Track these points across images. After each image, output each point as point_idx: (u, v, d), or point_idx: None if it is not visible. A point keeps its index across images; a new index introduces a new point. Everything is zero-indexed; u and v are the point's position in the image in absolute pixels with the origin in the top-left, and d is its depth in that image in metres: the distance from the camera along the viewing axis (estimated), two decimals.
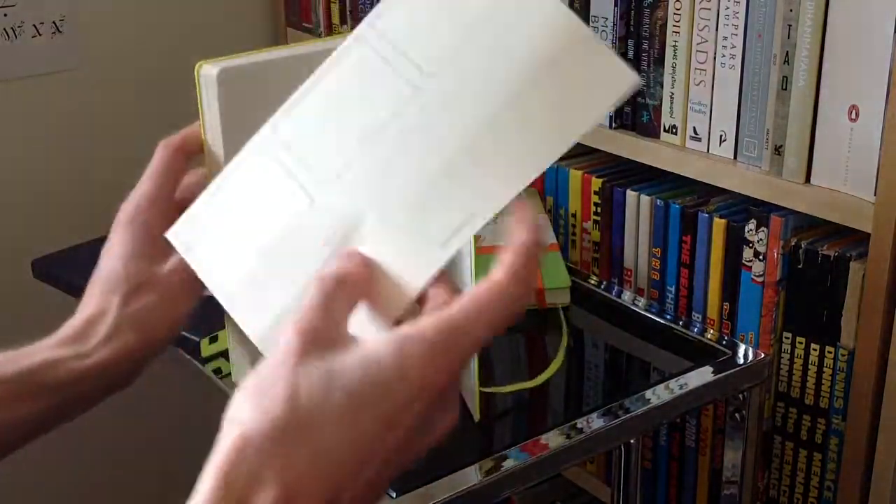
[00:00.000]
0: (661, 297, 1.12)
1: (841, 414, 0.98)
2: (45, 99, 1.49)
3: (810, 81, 0.92)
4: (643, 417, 0.91)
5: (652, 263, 1.12)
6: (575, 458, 1.02)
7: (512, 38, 0.51)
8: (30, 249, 1.24)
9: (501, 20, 0.51)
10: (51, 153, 1.51)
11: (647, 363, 1.07)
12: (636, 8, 1.07)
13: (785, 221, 0.98)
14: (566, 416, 0.93)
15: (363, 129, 0.53)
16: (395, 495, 0.80)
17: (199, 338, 0.98)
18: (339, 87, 0.56)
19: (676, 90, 1.05)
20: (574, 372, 1.02)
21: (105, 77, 1.53)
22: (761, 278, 1.00)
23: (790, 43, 0.93)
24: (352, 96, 0.55)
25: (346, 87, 0.56)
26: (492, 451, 0.85)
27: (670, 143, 1.08)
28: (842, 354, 0.97)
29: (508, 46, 0.51)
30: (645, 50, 1.08)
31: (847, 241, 0.96)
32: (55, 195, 1.52)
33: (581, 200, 1.19)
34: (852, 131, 0.91)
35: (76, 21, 1.46)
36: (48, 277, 1.20)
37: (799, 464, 1.04)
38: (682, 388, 0.94)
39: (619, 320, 1.12)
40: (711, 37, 1.00)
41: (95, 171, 1.55)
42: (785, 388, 1.03)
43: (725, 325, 1.06)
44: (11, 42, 1.42)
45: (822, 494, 1.02)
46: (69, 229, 1.34)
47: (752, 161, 1.00)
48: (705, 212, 1.05)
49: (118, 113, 1.56)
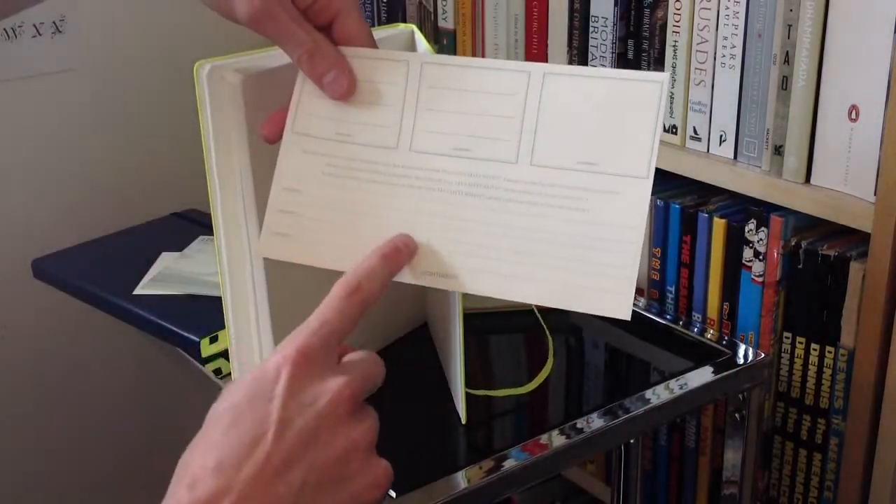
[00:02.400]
0: (661, 297, 1.12)
1: (841, 414, 0.98)
2: (45, 99, 1.49)
3: (810, 81, 0.92)
4: (643, 417, 0.91)
5: (652, 263, 1.12)
6: (575, 458, 1.02)
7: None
8: (30, 249, 1.24)
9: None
10: (51, 153, 1.51)
11: (647, 363, 1.07)
12: (636, 8, 1.07)
13: (785, 221, 0.98)
14: (566, 416, 0.93)
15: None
16: (395, 495, 0.80)
17: (199, 338, 0.98)
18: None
19: (676, 90, 1.05)
20: (574, 372, 1.02)
21: (105, 77, 1.53)
22: (761, 278, 1.00)
23: (790, 43, 0.93)
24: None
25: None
26: (492, 452, 0.85)
27: (670, 143, 1.08)
28: (842, 354, 0.97)
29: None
30: (645, 50, 1.08)
31: (847, 241, 0.95)
32: (55, 195, 1.52)
33: None
34: (852, 131, 0.91)
35: (76, 21, 1.46)
36: (48, 277, 1.20)
37: (799, 464, 1.04)
38: (682, 388, 0.94)
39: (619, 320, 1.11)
40: (711, 37, 1.00)
41: (95, 171, 1.55)
42: (785, 388, 1.03)
43: (725, 326, 1.06)
44: (11, 42, 1.42)
45: (822, 494, 1.02)
46: (69, 229, 1.35)
47: (752, 161, 1.00)
48: (705, 212, 1.05)
49: (118, 113, 1.55)
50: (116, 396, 1.65)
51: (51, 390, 1.58)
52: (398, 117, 0.61)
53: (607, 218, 0.57)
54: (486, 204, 0.59)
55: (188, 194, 1.31)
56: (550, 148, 0.58)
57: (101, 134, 1.55)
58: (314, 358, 0.49)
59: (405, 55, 0.63)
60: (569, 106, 0.59)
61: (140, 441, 1.68)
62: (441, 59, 0.62)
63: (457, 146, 0.60)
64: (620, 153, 0.57)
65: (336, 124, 0.63)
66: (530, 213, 0.58)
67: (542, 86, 0.59)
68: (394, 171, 0.61)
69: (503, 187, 0.59)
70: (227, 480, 0.45)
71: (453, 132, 0.60)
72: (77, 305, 1.14)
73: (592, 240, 0.57)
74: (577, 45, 1.14)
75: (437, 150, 0.60)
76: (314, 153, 0.63)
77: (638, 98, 0.58)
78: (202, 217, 1.28)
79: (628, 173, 0.57)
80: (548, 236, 0.58)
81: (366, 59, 0.63)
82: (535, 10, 1.19)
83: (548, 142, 0.59)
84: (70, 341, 1.57)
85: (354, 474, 0.49)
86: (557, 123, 0.59)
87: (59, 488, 1.63)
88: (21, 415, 1.56)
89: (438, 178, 0.60)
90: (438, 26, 1.31)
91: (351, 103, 0.62)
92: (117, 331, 1.18)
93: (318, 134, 0.63)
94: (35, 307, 1.48)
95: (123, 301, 1.08)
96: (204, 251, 1.19)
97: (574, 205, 0.57)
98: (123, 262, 1.18)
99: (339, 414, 0.48)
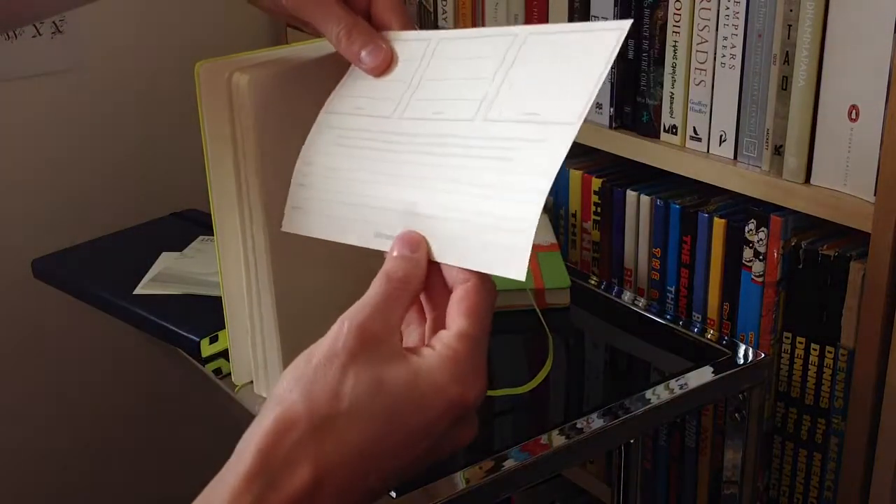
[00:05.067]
0: (661, 297, 1.12)
1: (841, 414, 0.98)
2: (45, 99, 1.49)
3: (810, 81, 0.92)
4: (643, 417, 0.91)
5: (652, 263, 1.12)
6: (575, 458, 1.02)
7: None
8: (30, 249, 1.24)
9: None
10: (50, 153, 1.51)
11: (647, 363, 1.07)
12: (636, 8, 1.07)
13: (785, 221, 0.98)
14: (566, 416, 0.93)
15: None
16: (396, 495, 0.80)
17: (199, 338, 0.98)
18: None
19: (676, 90, 1.05)
20: (574, 372, 1.02)
21: (105, 77, 1.53)
22: (761, 278, 1.00)
23: (790, 43, 0.93)
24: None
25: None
26: (492, 451, 0.85)
27: (670, 143, 1.08)
28: (842, 354, 0.97)
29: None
30: (645, 50, 1.08)
31: (847, 241, 0.95)
32: (55, 195, 1.52)
33: (581, 200, 1.19)
34: (852, 131, 0.91)
35: (76, 21, 1.46)
36: (48, 277, 1.20)
37: (799, 464, 1.04)
38: (682, 388, 0.94)
39: (619, 320, 1.12)
40: (711, 37, 1.00)
41: (95, 171, 1.55)
42: (785, 388, 1.03)
43: (725, 325, 1.06)
44: (11, 42, 1.42)
45: (822, 494, 1.02)
46: (69, 229, 1.35)
47: (752, 161, 1.00)
48: (705, 212, 1.05)
49: (118, 113, 1.56)
50: (116, 396, 1.65)
51: (51, 390, 1.58)
52: (404, 90, 0.62)
53: (524, 167, 0.54)
54: (438, 161, 0.58)
55: (188, 194, 1.31)
56: (506, 103, 0.57)
57: (102, 134, 1.55)
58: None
59: (429, 34, 0.64)
60: (538, 62, 0.58)
61: (140, 441, 1.68)
62: (456, 34, 0.63)
63: (436, 110, 0.60)
64: (562, 102, 0.55)
65: (355, 100, 0.64)
66: (465, 167, 0.57)
67: (521, 45, 0.59)
68: (383, 137, 0.61)
69: (453, 143, 0.58)
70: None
71: (438, 98, 0.61)
72: (77, 305, 1.13)
73: (500, 190, 0.55)
74: None
75: (418, 116, 0.61)
76: (331, 127, 0.64)
77: (595, 46, 0.56)
78: (202, 217, 1.28)
79: (559, 120, 0.55)
80: (465, 188, 0.56)
81: (399, 42, 0.64)
82: (535, 10, 1.19)
83: (507, 98, 0.58)
84: (70, 341, 1.57)
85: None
86: (522, 79, 0.58)
87: (60, 488, 1.63)
88: (21, 415, 1.56)
89: (410, 140, 0.60)
90: (438, 26, 1.31)
91: (377, 81, 0.63)
92: (117, 331, 1.18)
93: (340, 110, 0.64)
94: (35, 307, 1.48)
95: (123, 301, 1.07)
96: (204, 251, 1.19)
97: (501, 154, 0.56)
98: (123, 262, 1.17)
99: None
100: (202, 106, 0.70)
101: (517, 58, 0.59)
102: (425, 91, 0.61)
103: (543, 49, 0.58)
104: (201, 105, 0.70)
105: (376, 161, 0.61)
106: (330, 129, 0.64)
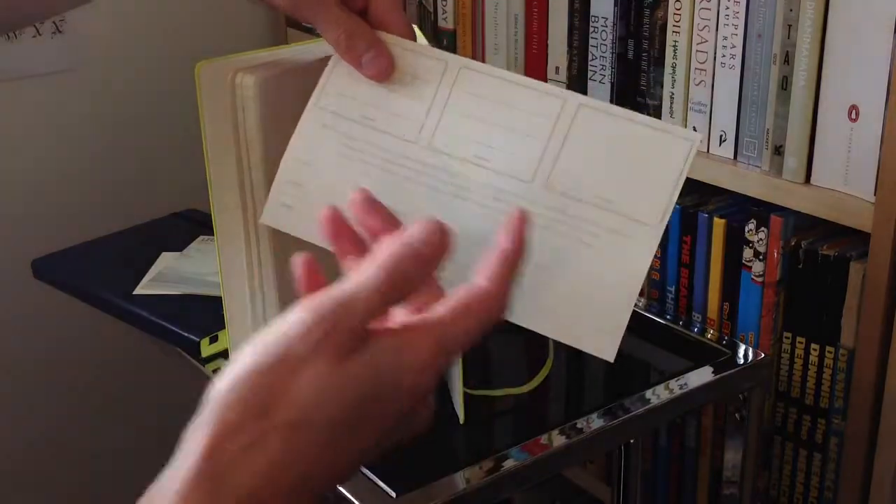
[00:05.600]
0: (661, 297, 1.12)
1: (841, 414, 0.98)
2: (45, 99, 1.49)
3: (810, 81, 0.92)
4: (643, 417, 0.91)
5: (652, 263, 1.12)
6: (575, 458, 1.02)
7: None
8: (30, 249, 1.24)
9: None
10: (51, 153, 1.51)
11: (647, 363, 1.07)
12: (636, 8, 1.07)
13: (785, 221, 0.98)
14: (566, 416, 0.93)
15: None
16: (395, 495, 0.80)
17: (199, 338, 0.98)
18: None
19: (676, 90, 1.05)
20: (574, 372, 1.02)
21: (105, 77, 1.53)
22: (761, 278, 1.00)
23: (790, 43, 0.93)
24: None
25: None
26: (491, 452, 0.85)
27: None
28: (842, 354, 0.97)
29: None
30: (645, 50, 1.08)
31: (847, 241, 0.95)
32: (55, 195, 1.52)
33: None
34: (852, 131, 0.91)
35: (76, 21, 1.46)
36: (48, 277, 1.20)
37: (799, 464, 1.04)
38: (682, 388, 0.94)
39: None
40: (711, 37, 1.00)
41: (95, 171, 1.55)
42: (785, 388, 1.03)
43: (725, 325, 1.06)
44: (11, 42, 1.42)
45: (822, 495, 1.02)
46: (69, 229, 1.35)
47: (752, 161, 1.00)
48: (705, 212, 1.05)
49: (118, 113, 1.56)
50: (116, 396, 1.65)
51: (51, 390, 1.58)
52: (424, 113, 0.61)
53: (611, 257, 0.56)
54: (490, 215, 0.58)
55: (188, 194, 1.31)
56: (568, 176, 0.58)
57: (101, 134, 1.55)
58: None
59: (444, 55, 0.63)
60: (597, 141, 0.58)
61: (140, 441, 1.68)
62: (481, 68, 0.62)
63: (477, 154, 0.59)
64: (638, 198, 0.57)
65: (363, 107, 0.62)
66: (538, 235, 0.57)
67: (574, 115, 0.59)
68: (407, 163, 0.60)
69: (511, 202, 0.58)
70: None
71: (476, 140, 0.60)
72: (77, 305, 1.13)
73: (592, 275, 0.56)
74: (577, 44, 1.14)
75: (455, 154, 0.60)
76: (334, 129, 0.63)
77: (667, 150, 0.57)
78: (202, 217, 1.28)
79: (641, 219, 0.56)
80: (548, 261, 0.57)
81: (405, 51, 0.63)
82: (535, 9, 1.19)
83: (568, 170, 0.58)
84: (70, 341, 1.57)
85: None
86: (581, 155, 0.58)
87: (60, 487, 1.63)
88: (21, 415, 1.56)
89: (450, 181, 0.60)
90: (438, 26, 1.31)
91: (382, 89, 0.62)
92: (117, 331, 1.18)
93: (343, 112, 0.63)
94: (35, 307, 1.48)
95: (123, 301, 1.08)
96: (204, 251, 1.19)
97: (581, 237, 0.57)
98: (123, 262, 1.17)
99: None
100: (202, 106, 0.70)
101: (571, 128, 0.59)
102: (454, 124, 0.60)
103: (600, 129, 0.59)
104: (202, 105, 0.70)
105: (397, 189, 0.60)
106: (332, 131, 0.63)
